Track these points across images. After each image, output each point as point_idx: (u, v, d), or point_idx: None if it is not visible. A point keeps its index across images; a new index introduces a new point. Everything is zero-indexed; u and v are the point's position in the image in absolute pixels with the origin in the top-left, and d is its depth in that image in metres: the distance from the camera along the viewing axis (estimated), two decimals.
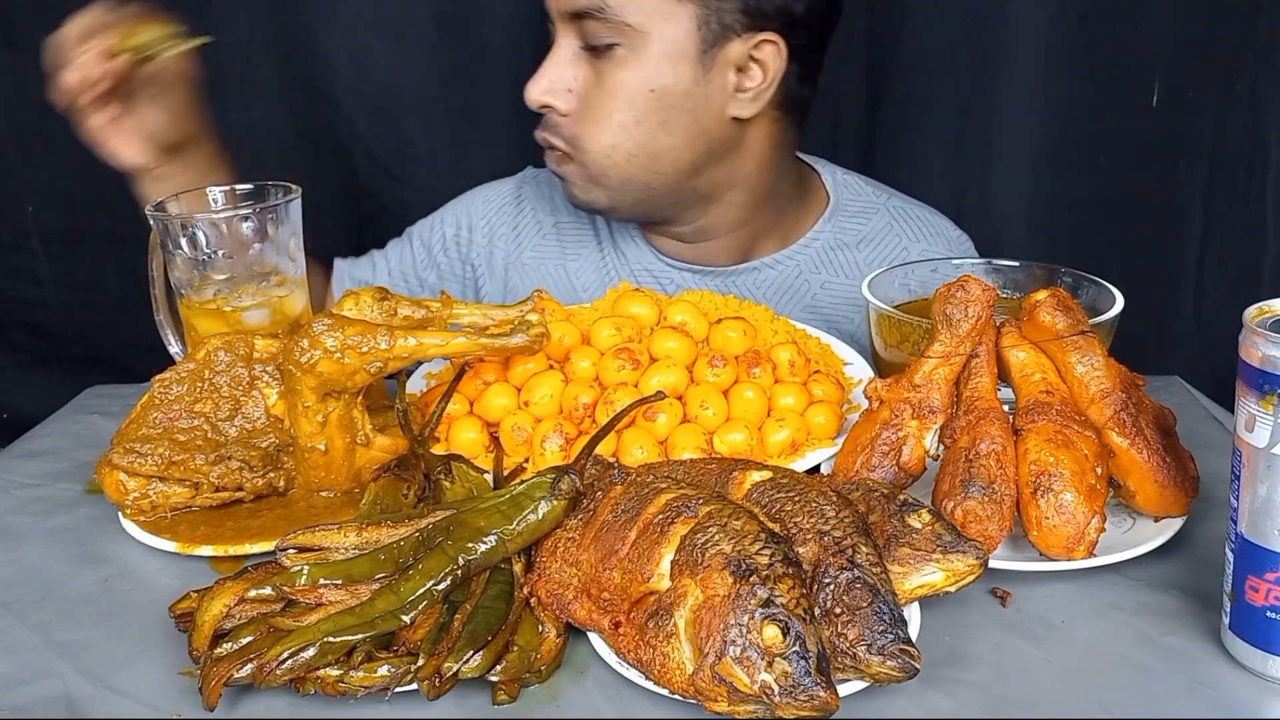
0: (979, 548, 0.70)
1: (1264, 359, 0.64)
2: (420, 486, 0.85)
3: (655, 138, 1.15)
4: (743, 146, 1.19)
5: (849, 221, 1.29)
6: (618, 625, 0.68)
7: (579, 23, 1.12)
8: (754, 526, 0.66)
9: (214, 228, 0.92)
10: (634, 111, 1.14)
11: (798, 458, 0.90)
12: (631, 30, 1.11)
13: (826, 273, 1.27)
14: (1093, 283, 0.96)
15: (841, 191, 1.31)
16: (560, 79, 1.14)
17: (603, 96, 1.13)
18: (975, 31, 1.56)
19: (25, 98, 1.63)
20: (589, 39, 1.12)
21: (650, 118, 1.14)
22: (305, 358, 0.82)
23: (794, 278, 1.27)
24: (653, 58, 1.12)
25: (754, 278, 1.27)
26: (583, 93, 1.14)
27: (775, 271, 1.27)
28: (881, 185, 1.34)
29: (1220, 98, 1.56)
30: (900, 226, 1.29)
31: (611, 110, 1.14)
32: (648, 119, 1.14)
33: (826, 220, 1.28)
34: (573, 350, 0.95)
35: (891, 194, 1.33)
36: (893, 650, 0.64)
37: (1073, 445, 0.77)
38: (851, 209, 1.30)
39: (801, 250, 1.27)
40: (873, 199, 1.32)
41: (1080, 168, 1.62)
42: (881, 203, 1.31)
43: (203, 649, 0.69)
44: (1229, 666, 0.69)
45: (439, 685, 0.65)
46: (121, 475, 0.86)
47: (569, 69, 1.14)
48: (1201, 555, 0.80)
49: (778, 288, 1.26)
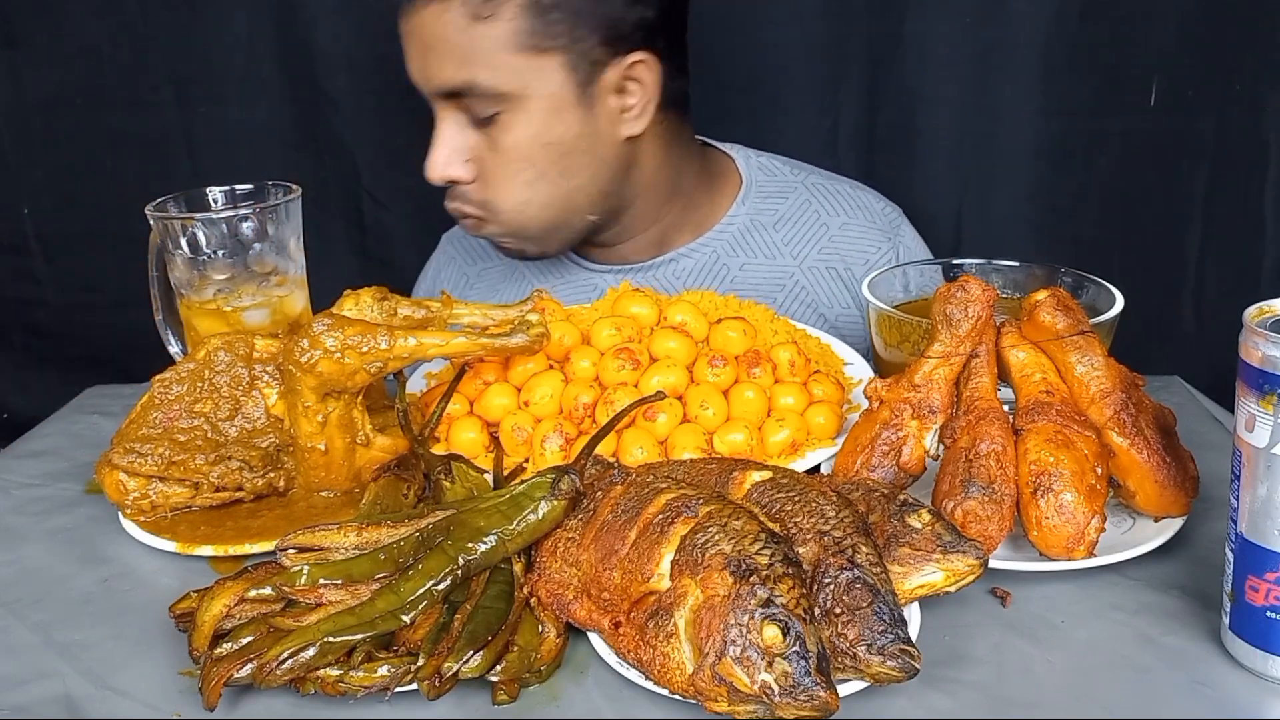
0: (979, 548, 0.70)
1: (1264, 359, 0.64)
2: (420, 486, 0.85)
3: (560, 184, 1.16)
4: (640, 157, 1.21)
5: (765, 202, 1.29)
6: (618, 625, 0.68)
7: (456, 100, 1.13)
8: (754, 526, 0.66)
9: (214, 228, 0.92)
10: (535, 167, 1.15)
11: (798, 458, 0.90)
12: (508, 96, 1.11)
13: (744, 255, 1.27)
14: (1093, 283, 0.96)
15: (755, 174, 1.31)
16: (455, 152, 1.15)
17: (501, 160, 1.14)
18: (975, 31, 1.56)
19: (25, 98, 1.63)
20: (470, 112, 1.13)
21: (551, 169, 1.15)
22: (305, 358, 0.82)
23: (711, 263, 1.27)
24: (537, 114, 1.12)
25: (672, 268, 1.28)
26: (480, 159, 1.15)
27: (692, 260, 1.28)
28: (801, 165, 1.35)
29: (1220, 98, 1.56)
30: (819, 203, 1.30)
31: (513, 171, 1.15)
32: (549, 170, 1.15)
33: (740, 203, 1.29)
34: (573, 350, 0.95)
35: (811, 171, 1.34)
36: (893, 650, 0.64)
37: (1073, 445, 0.77)
38: (767, 190, 1.30)
39: (717, 236, 1.28)
40: (789, 178, 1.32)
41: (1080, 168, 1.62)
42: (799, 180, 1.32)
43: (203, 649, 0.69)
44: (1229, 666, 0.69)
45: (439, 685, 0.65)
46: (121, 475, 0.86)
47: (459, 139, 1.15)
48: (1201, 555, 0.80)
49: (696, 274, 1.27)
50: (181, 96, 1.62)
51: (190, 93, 1.62)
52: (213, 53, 1.61)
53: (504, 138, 1.13)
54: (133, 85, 1.61)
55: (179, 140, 1.64)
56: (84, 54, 1.61)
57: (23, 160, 1.66)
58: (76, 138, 1.65)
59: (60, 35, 1.60)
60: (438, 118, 1.15)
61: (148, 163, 1.64)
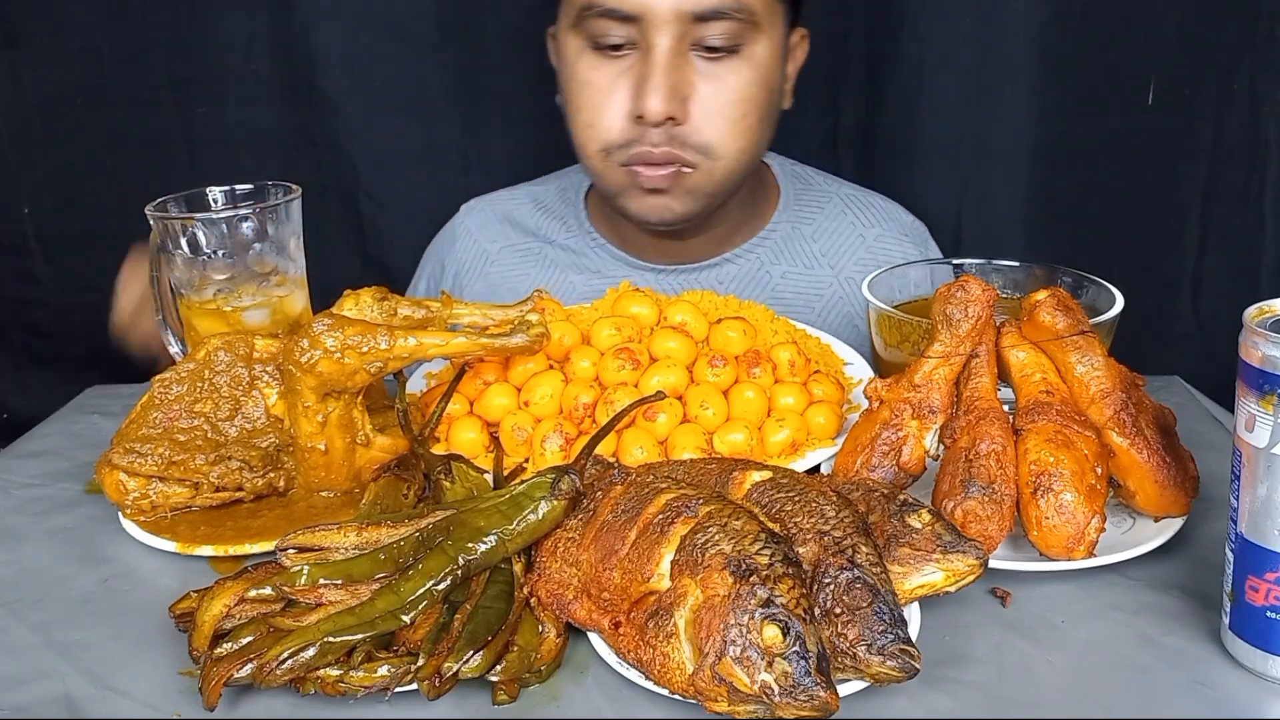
0: (979, 548, 0.70)
1: (1264, 359, 0.64)
2: (420, 486, 0.85)
3: (762, 136, 1.14)
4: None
5: (803, 212, 1.29)
6: (618, 625, 0.68)
7: (702, 24, 1.07)
8: (754, 526, 0.66)
9: (214, 228, 0.92)
10: (758, 113, 1.12)
11: (798, 458, 0.90)
12: (756, 28, 1.09)
13: (785, 263, 1.27)
14: (1093, 283, 0.96)
15: (793, 183, 1.31)
16: (677, 86, 1.08)
17: (731, 99, 1.09)
18: (974, 32, 1.56)
19: (25, 98, 1.63)
20: (710, 40, 1.07)
21: (765, 117, 1.13)
22: (305, 358, 0.82)
23: (755, 270, 1.27)
24: (766, 55, 1.11)
25: (718, 273, 1.26)
26: (702, 98, 1.09)
27: (737, 266, 1.27)
28: (830, 175, 1.35)
29: (1219, 97, 1.56)
30: (853, 214, 1.30)
31: (739, 112, 1.10)
32: (764, 118, 1.13)
33: (782, 211, 1.29)
34: (573, 350, 0.95)
35: (842, 183, 1.34)
36: (893, 650, 0.64)
37: (1073, 445, 0.77)
38: (804, 199, 1.30)
39: (760, 243, 1.27)
40: (824, 188, 1.32)
41: (1080, 168, 1.62)
42: (833, 191, 1.32)
43: (203, 649, 0.69)
44: (1229, 666, 0.69)
45: (439, 685, 0.65)
46: (121, 475, 0.86)
47: (679, 74, 1.08)
48: (1201, 555, 0.80)
49: (741, 281, 1.26)
50: (181, 96, 1.62)
51: (190, 93, 1.62)
52: (212, 53, 1.61)
53: (734, 76, 1.09)
54: (133, 85, 1.62)
55: (179, 140, 1.64)
56: (84, 54, 1.61)
57: (23, 160, 1.66)
58: (76, 138, 1.65)
59: (60, 35, 1.60)
60: (653, 50, 1.07)
61: (148, 163, 1.64)
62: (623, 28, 1.08)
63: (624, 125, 1.10)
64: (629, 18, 1.07)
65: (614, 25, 1.08)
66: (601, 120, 1.12)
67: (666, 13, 1.06)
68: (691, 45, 1.08)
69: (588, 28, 1.10)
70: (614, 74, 1.10)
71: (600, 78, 1.11)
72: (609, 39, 1.09)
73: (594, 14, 1.08)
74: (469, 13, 1.60)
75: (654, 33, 1.07)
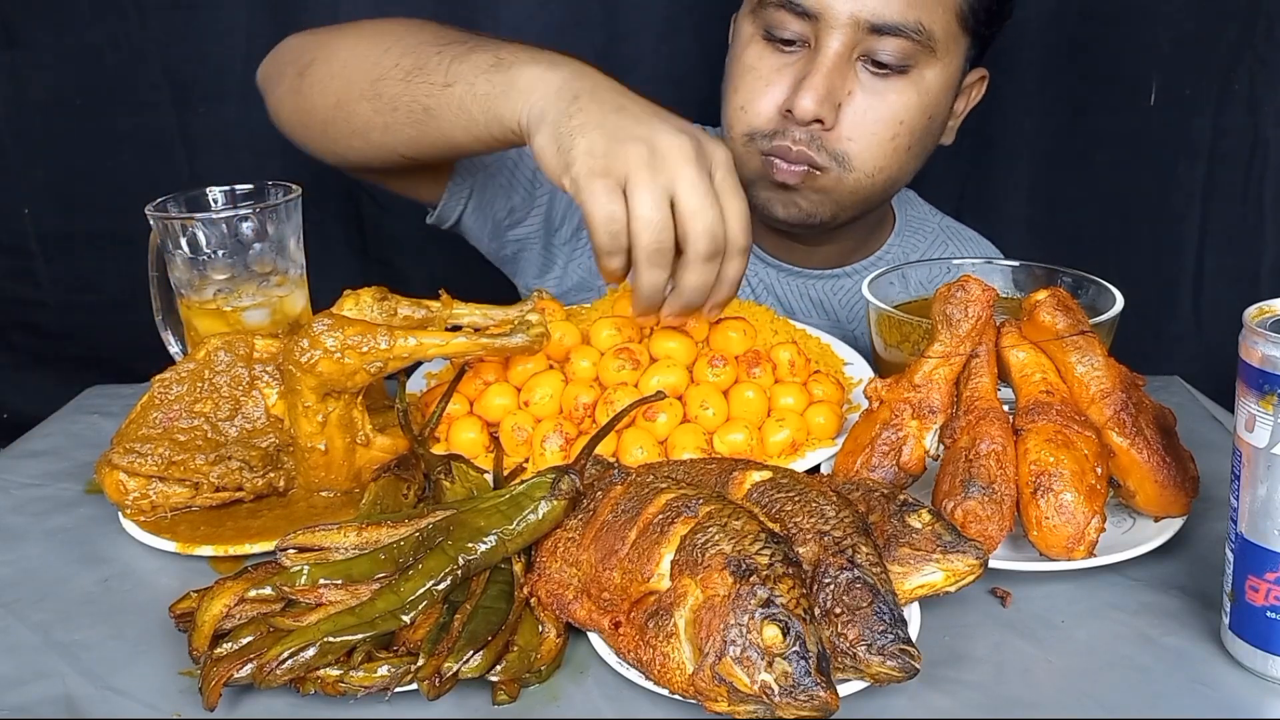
0: (979, 548, 0.70)
1: (1264, 359, 0.64)
2: (420, 486, 0.85)
3: (909, 164, 1.14)
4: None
5: (912, 238, 1.31)
6: (618, 625, 0.68)
7: (876, 37, 1.06)
8: (754, 526, 0.66)
9: (214, 228, 0.92)
10: (910, 137, 1.11)
11: (798, 458, 0.90)
12: (929, 55, 1.08)
13: None
14: (1093, 283, 0.96)
15: (905, 207, 1.33)
16: (834, 91, 1.08)
17: (884, 117, 1.09)
18: None
19: (25, 98, 1.63)
20: (880, 55, 1.07)
21: (917, 144, 1.13)
22: (305, 358, 0.82)
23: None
24: (935, 84, 1.10)
25: (835, 284, 1.27)
26: (855, 109, 1.09)
27: (854, 280, 1.27)
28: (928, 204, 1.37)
29: (1219, 97, 1.56)
30: (954, 245, 1.32)
31: (893, 133, 1.10)
32: (915, 145, 1.13)
33: (897, 235, 1.31)
34: (573, 350, 0.95)
35: (940, 213, 1.36)
36: (893, 650, 0.64)
37: (1073, 445, 0.77)
38: (913, 225, 1.33)
39: (876, 262, 1.28)
40: (927, 216, 1.35)
41: (1079, 167, 1.62)
42: (935, 222, 1.34)
43: (203, 649, 0.69)
44: (1229, 666, 0.69)
45: (439, 685, 0.65)
46: (121, 475, 0.86)
47: (840, 80, 1.08)
48: (1201, 555, 0.80)
49: (855, 296, 1.27)
50: (181, 97, 1.62)
51: (190, 93, 1.62)
52: (212, 53, 1.61)
53: (898, 96, 1.09)
54: (133, 85, 1.61)
55: (179, 140, 1.64)
56: (84, 54, 1.61)
57: (23, 160, 1.66)
58: (76, 138, 1.65)
59: (60, 35, 1.60)
60: (822, 51, 1.07)
61: (148, 163, 1.64)
62: (798, 23, 1.08)
63: (773, 115, 1.11)
64: (807, 14, 1.07)
65: (791, 19, 1.08)
66: (754, 105, 1.12)
67: (844, 16, 1.06)
68: (861, 55, 1.08)
69: (765, 16, 1.11)
70: (778, 65, 1.11)
71: (765, 66, 1.12)
72: (783, 32, 1.10)
73: (774, 3, 1.09)
74: (469, 12, 1.60)
75: (827, 34, 1.07)
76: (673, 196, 0.82)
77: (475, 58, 0.95)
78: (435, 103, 0.97)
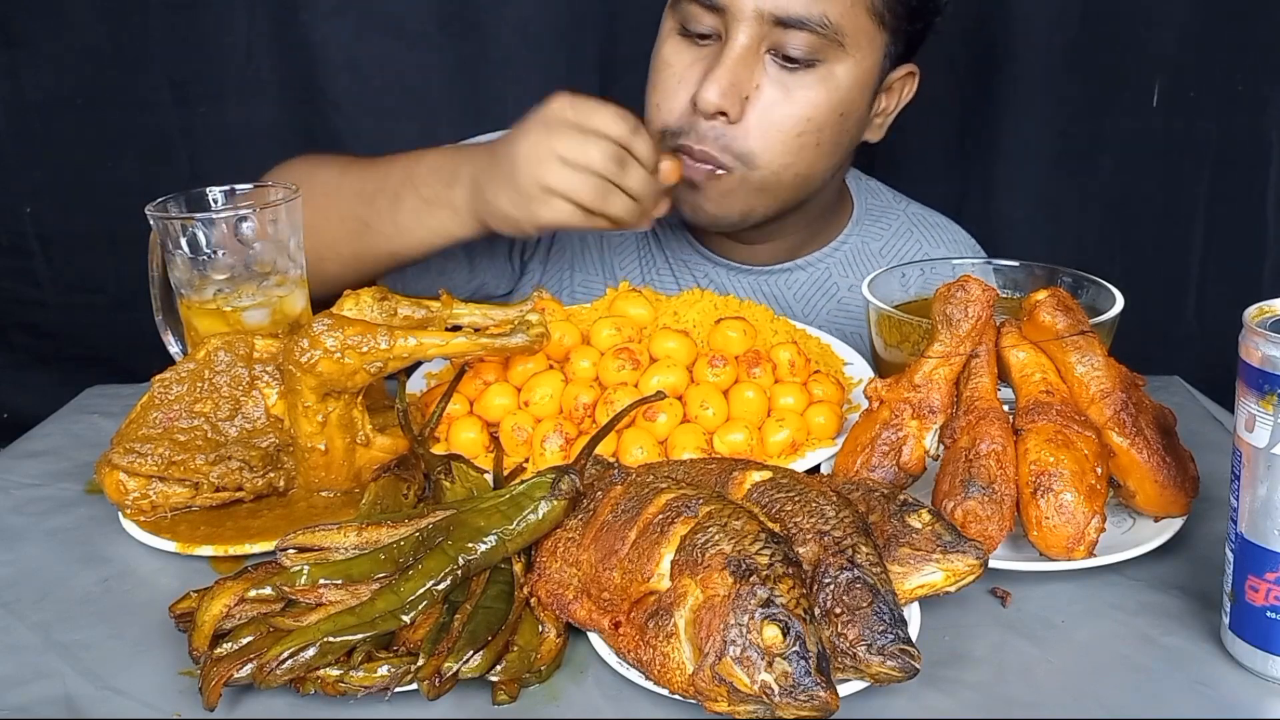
0: (979, 548, 0.70)
1: (1264, 359, 0.64)
2: (420, 486, 0.85)
3: (821, 160, 1.12)
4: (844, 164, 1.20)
5: (873, 226, 1.30)
6: (618, 625, 0.68)
7: (782, 30, 1.05)
8: (754, 526, 0.66)
9: (214, 228, 0.92)
10: (819, 134, 1.09)
11: (798, 458, 0.90)
12: (838, 49, 1.07)
13: (854, 276, 1.27)
14: (1093, 283, 0.96)
15: (865, 196, 1.32)
16: (739, 84, 1.06)
17: (791, 113, 1.08)
18: (975, 32, 1.56)
19: (25, 98, 1.63)
20: (788, 49, 1.06)
21: (828, 141, 1.11)
22: (305, 358, 0.82)
23: (823, 280, 1.27)
24: (847, 80, 1.09)
25: (787, 278, 1.27)
26: (761, 103, 1.07)
27: (806, 273, 1.27)
28: (897, 191, 1.35)
29: (1222, 98, 1.56)
30: (920, 233, 1.30)
31: (800, 129, 1.08)
32: (826, 142, 1.11)
33: (854, 224, 1.29)
34: (573, 350, 0.95)
35: (908, 200, 1.34)
36: (893, 650, 0.64)
37: (1073, 445, 0.77)
38: (874, 214, 1.31)
39: (832, 253, 1.28)
40: (892, 204, 1.33)
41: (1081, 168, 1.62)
42: (900, 209, 1.32)
43: (203, 649, 0.69)
44: (1229, 666, 0.69)
45: (439, 685, 0.65)
46: (121, 475, 0.86)
47: (746, 73, 1.07)
48: (1201, 555, 0.80)
49: (809, 288, 1.26)
50: (181, 96, 1.62)
51: (190, 93, 1.62)
52: (213, 53, 1.61)
53: (806, 91, 1.07)
54: (133, 85, 1.62)
55: (179, 140, 1.64)
56: (84, 54, 1.61)
57: (23, 160, 1.66)
58: (76, 138, 1.65)
59: (60, 35, 1.60)
60: (730, 41, 1.06)
61: (148, 163, 1.64)
62: (710, 17, 1.08)
63: (684, 111, 1.10)
64: (716, 8, 1.07)
65: (702, 13, 1.08)
66: (667, 102, 1.11)
67: (749, 9, 1.05)
68: (770, 49, 1.07)
69: (680, 11, 1.10)
70: (691, 60, 1.10)
71: (679, 61, 1.11)
72: (697, 26, 1.09)
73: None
74: (471, 12, 1.60)
75: (734, 26, 1.06)
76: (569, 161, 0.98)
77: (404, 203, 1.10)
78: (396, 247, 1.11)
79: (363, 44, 1.61)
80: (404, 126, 1.65)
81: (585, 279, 1.26)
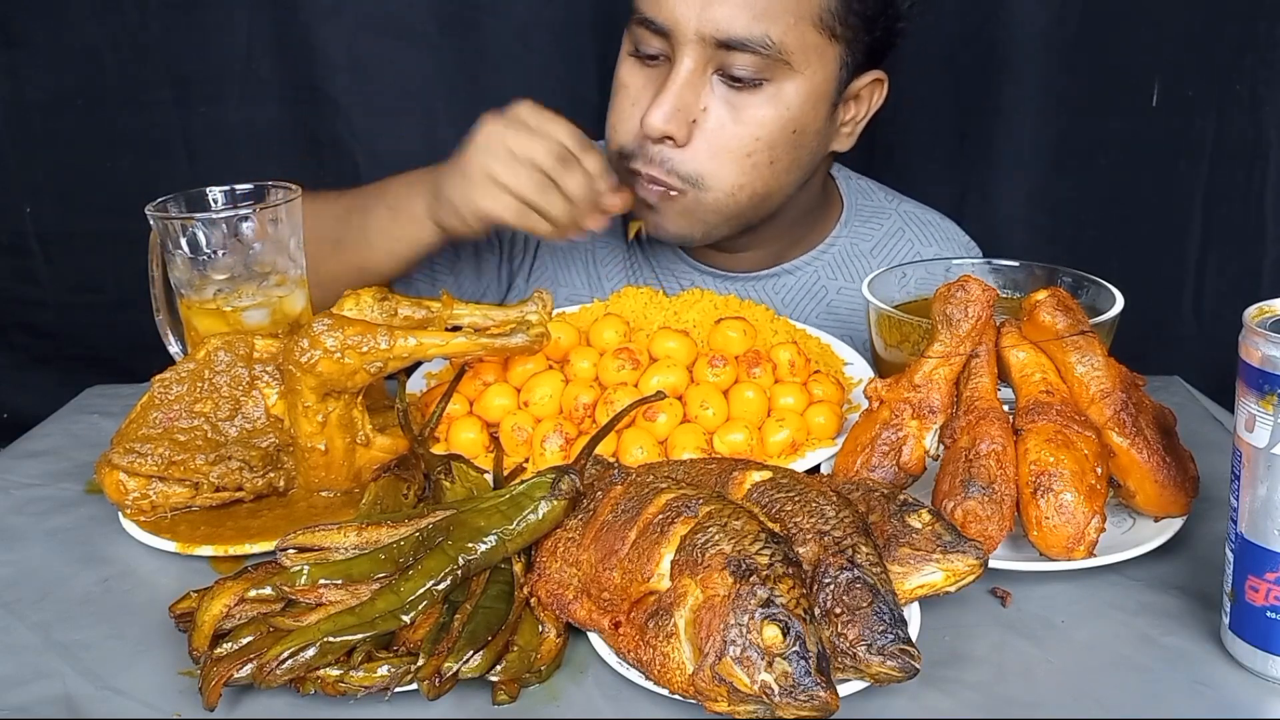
0: (979, 548, 0.70)
1: (1264, 359, 0.64)
2: (420, 486, 0.85)
3: (775, 178, 1.12)
4: (818, 171, 1.19)
5: (863, 227, 1.29)
6: (618, 625, 0.68)
7: (726, 52, 1.05)
8: (754, 526, 0.66)
9: (214, 228, 0.92)
10: (771, 152, 1.09)
11: (798, 458, 0.90)
12: (785, 68, 1.06)
13: (843, 278, 1.26)
14: (1093, 283, 0.96)
15: (855, 197, 1.31)
16: (684, 108, 1.06)
17: (740, 134, 1.07)
18: (975, 32, 1.56)
19: (25, 98, 1.63)
20: (732, 69, 1.05)
21: (781, 158, 1.10)
22: (305, 358, 0.82)
23: (813, 283, 1.26)
24: (798, 96, 1.08)
25: (775, 283, 1.26)
26: (709, 126, 1.07)
27: (795, 277, 1.26)
28: (890, 190, 1.34)
29: (1220, 98, 1.56)
30: (912, 231, 1.29)
31: (749, 149, 1.08)
32: (778, 159, 1.10)
33: (843, 225, 1.28)
34: (573, 350, 0.95)
35: (901, 199, 1.33)
36: (893, 650, 0.64)
37: (1073, 445, 0.77)
38: (864, 214, 1.30)
39: (819, 256, 1.27)
40: (884, 203, 1.32)
41: (1080, 168, 1.62)
42: (893, 208, 1.31)
43: (203, 649, 0.69)
44: (1229, 666, 0.69)
45: (439, 685, 0.65)
46: (121, 475, 0.86)
47: (693, 96, 1.06)
48: (1201, 555, 0.80)
49: (798, 292, 1.26)
50: (181, 96, 1.62)
51: (190, 93, 1.62)
52: (212, 53, 1.61)
53: (756, 111, 1.07)
54: (133, 85, 1.62)
55: (179, 140, 1.64)
56: (84, 54, 1.61)
57: (23, 160, 1.66)
58: (76, 138, 1.65)
59: (60, 35, 1.60)
60: (677, 63, 1.06)
61: (148, 163, 1.64)
62: (658, 40, 1.08)
63: (636, 132, 1.10)
64: (662, 31, 1.07)
65: (651, 36, 1.08)
66: (622, 124, 1.12)
67: (691, 33, 1.05)
68: (717, 70, 1.07)
69: (634, 34, 1.11)
70: (644, 82, 1.11)
71: (633, 83, 1.12)
72: (647, 49, 1.09)
73: (636, 21, 1.09)
74: (471, 12, 1.60)
75: (679, 50, 1.06)
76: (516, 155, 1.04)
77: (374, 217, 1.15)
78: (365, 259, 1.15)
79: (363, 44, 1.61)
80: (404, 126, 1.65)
81: (572, 292, 1.27)
